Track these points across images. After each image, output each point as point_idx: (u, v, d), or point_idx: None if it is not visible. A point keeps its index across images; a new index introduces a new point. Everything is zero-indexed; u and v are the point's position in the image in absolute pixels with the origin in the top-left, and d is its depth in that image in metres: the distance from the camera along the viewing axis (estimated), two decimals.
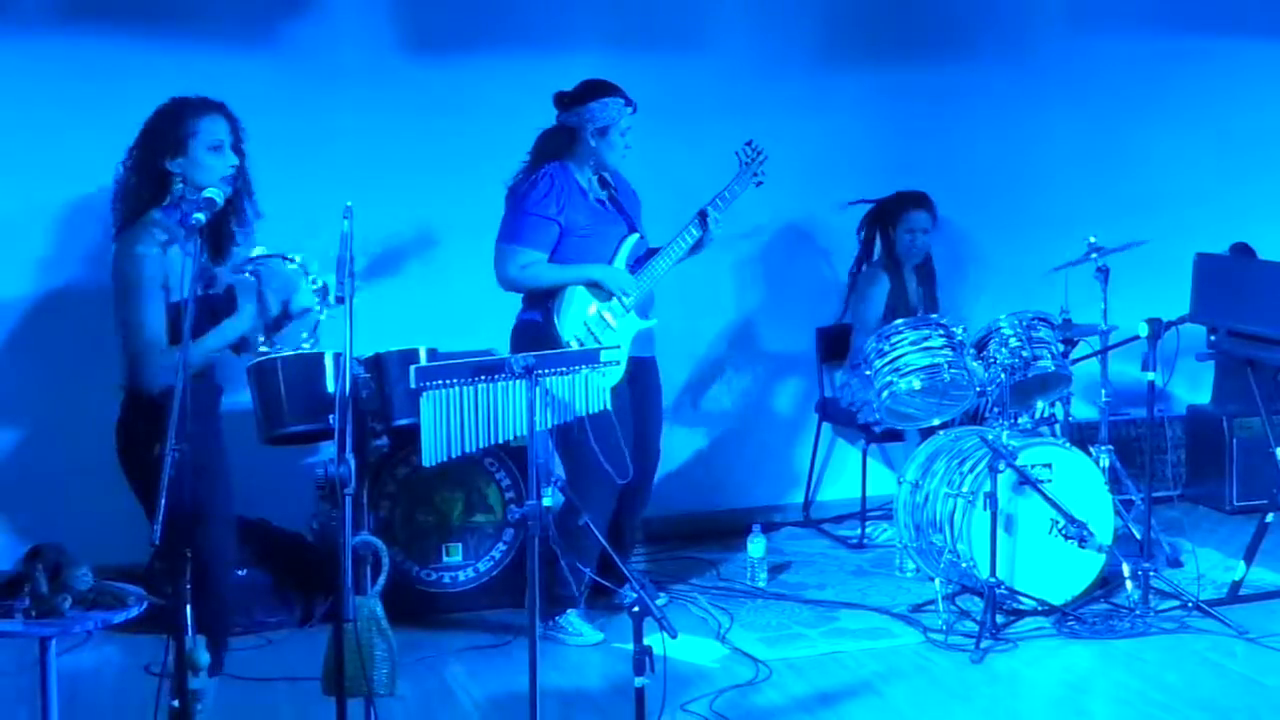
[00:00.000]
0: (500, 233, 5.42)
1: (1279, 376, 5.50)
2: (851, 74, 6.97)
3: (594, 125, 5.37)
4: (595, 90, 5.39)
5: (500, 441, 4.28)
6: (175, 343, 4.07)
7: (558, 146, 5.44)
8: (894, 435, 6.67)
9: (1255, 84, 7.54)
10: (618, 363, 5.14)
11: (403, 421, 5.30)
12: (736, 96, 6.76)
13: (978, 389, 5.79)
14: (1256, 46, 7.54)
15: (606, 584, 5.17)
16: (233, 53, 6.07)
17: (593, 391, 4.33)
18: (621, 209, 5.53)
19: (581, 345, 5.32)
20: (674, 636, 3.94)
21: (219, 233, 4.27)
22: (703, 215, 5.53)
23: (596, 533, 4.36)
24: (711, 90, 6.74)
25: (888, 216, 6.65)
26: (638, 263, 5.51)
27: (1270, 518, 5.72)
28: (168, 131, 4.20)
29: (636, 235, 5.52)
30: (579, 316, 5.36)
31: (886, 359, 5.80)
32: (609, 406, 4.48)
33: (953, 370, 5.76)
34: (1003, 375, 5.75)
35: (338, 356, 4.17)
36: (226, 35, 6.11)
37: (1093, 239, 6.23)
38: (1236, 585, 5.72)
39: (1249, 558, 5.72)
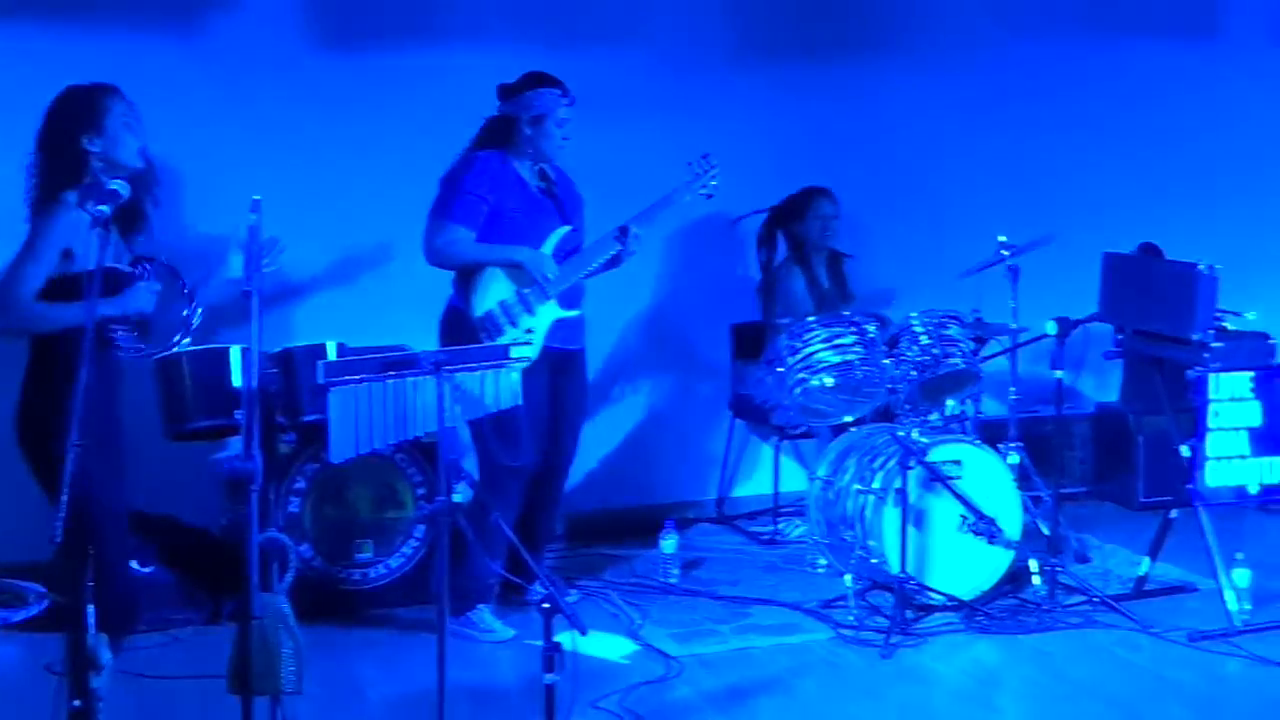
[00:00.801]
0: (432, 208, 5.45)
1: (1184, 375, 5.55)
2: (769, 72, 6.99)
3: (529, 114, 5.43)
4: (533, 81, 5.47)
5: (411, 438, 4.25)
6: (63, 299, 4.09)
7: (497, 135, 5.49)
8: (806, 432, 6.70)
9: (1163, 86, 7.63)
10: (527, 360, 5.12)
11: (311, 417, 5.29)
12: (657, 93, 6.76)
13: (889, 386, 5.82)
14: (1164, 48, 7.62)
15: (517, 580, 5.16)
16: (152, 41, 6.00)
17: (504, 386, 4.32)
18: (558, 202, 5.53)
19: (495, 325, 5.34)
20: (584, 633, 3.95)
21: (131, 213, 4.28)
22: (623, 230, 5.53)
23: (506, 529, 4.35)
24: (633, 86, 6.72)
25: (791, 214, 6.69)
26: (567, 255, 5.50)
27: (1175, 514, 5.79)
28: (83, 112, 4.25)
29: (568, 227, 5.52)
30: (496, 296, 5.38)
31: (799, 356, 5.82)
32: (520, 401, 4.45)
33: (864, 368, 5.79)
34: (914, 373, 5.80)
35: (245, 351, 4.14)
36: (146, 24, 6.04)
37: (1003, 239, 6.28)
38: (1141, 581, 5.80)
39: (1154, 553, 5.80)
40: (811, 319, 5.93)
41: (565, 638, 3.91)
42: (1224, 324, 5.61)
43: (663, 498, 6.93)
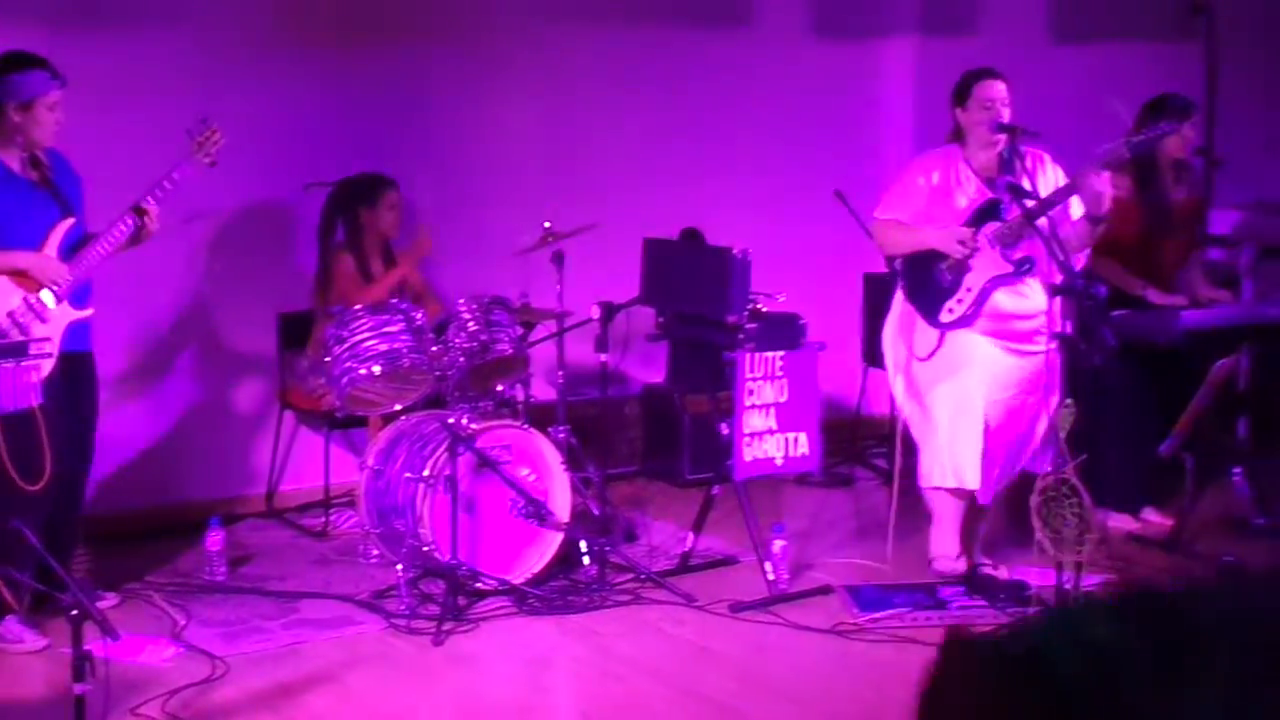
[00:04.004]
0: None
1: (721, 355, 5.76)
2: (312, 52, 6.82)
3: (16, 100, 5.07)
4: (15, 63, 5.10)
5: None
6: None
7: None
8: (357, 421, 6.62)
9: (701, 74, 7.85)
10: (50, 355, 4.85)
11: None
12: (191, 73, 6.49)
13: (438, 373, 5.82)
14: (701, 37, 7.85)
15: (45, 588, 4.88)
16: None
17: (21, 387, 4.08)
18: (56, 191, 5.21)
19: (5, 338, 4.99)
20: (115, 639, 3.80)
21: None
22: (138, 209, 5.26)
23: (30, 536, 4.12)
24: (165, 67, 6.45)
25: (359, 200, 6.56)
26: (72, 249, 5.20)
27: (717, 490, 5.99)
28: None
29: (70, 220, 5.21)
30: (3, 308, 5.02)
31: (346, 345, 5.74)
32: (41, 399, 4.22)
33: (412, 355, 5.76)
34: (462, 359, 5.81)
35: None
36: None
37: (548, 224, 6.35)
38: (686, 556, 5.98)
39: (697, 529, 5.98)
40: (358, 307, 5.86)
41: (101, 644, 3.74)
42: (758, 306, 5.83)
43: (209, 493, 6.70)
